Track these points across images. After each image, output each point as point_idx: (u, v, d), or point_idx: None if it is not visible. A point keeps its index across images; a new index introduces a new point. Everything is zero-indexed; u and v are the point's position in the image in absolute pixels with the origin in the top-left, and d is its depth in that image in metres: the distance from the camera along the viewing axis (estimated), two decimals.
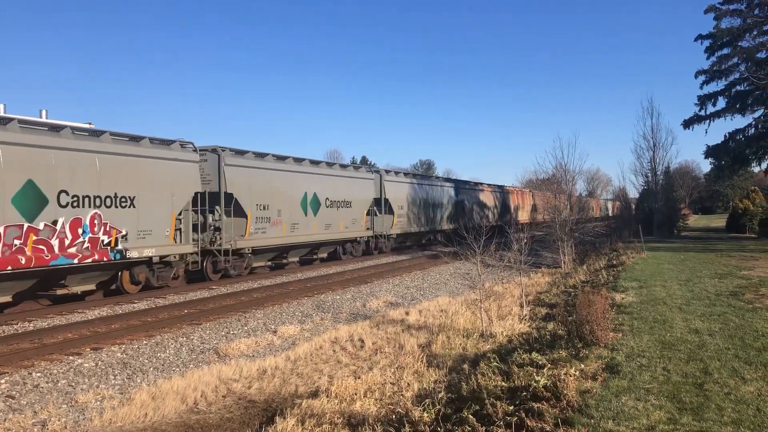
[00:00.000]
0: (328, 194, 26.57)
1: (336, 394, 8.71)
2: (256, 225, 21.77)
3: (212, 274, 20.73)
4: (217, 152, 20.66)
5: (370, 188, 30.72)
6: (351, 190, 28.63)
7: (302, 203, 24.68)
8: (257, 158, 22.67)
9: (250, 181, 21.67)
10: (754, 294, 14.53)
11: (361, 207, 29.59)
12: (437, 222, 38.50)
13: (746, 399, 6.91)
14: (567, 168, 28.95)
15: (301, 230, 24.36)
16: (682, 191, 79.20)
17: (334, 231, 27.05)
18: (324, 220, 26.14)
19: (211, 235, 20.31)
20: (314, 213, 25.42)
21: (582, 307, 10.08)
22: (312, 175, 25.70)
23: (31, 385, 9.34)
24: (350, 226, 28.42)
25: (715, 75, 37.93)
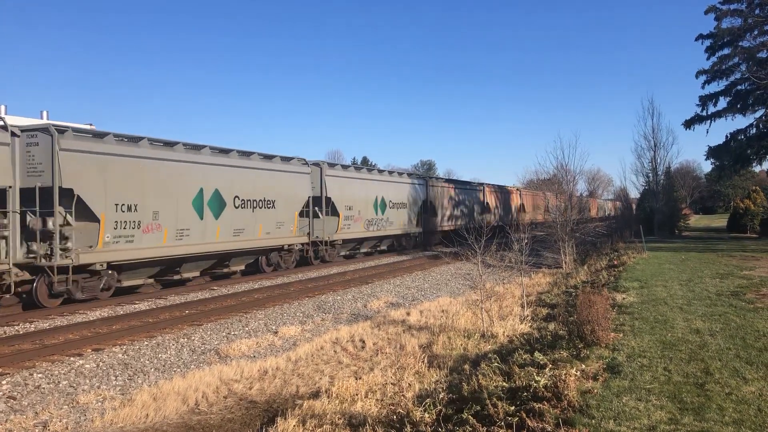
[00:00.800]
0: (239, 191, 20.94)
1: (337, 395, 8.71)
2: (116, 232, 16.21)
3: (47, 299, 15.32)
4: (50, 132, 14.93)
5: (304, 184, 25.01)
6: (275, 186, 23.02)
7: (196, 202, 18.99)
8: (121, 143, 17.06)
9: (106, 174, 16.03)
10: (756, 294, 14.52)
11: (291, 207, 23.98)
12: (404, 224, 34.13)
13: (747, 399, 6.90)
14: (568, 168, 28.96)
15: (193, 237, 18.82)
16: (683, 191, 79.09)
17: (248, 238, 21.51)
18: (232, 225, 20.60)
19: (45, 247, 15.08)
20: (215, 215, 19.79)
21: (583, 308, 10.08)
22: (214, 167, 19.99)
23: (33, 386, 9.34)
24: (274, 231, 22.81)
25: (716, 75, 37.92)
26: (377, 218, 30.81)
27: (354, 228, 28.78)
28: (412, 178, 36.49)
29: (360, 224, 29.19)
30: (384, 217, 31.50)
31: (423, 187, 36.94)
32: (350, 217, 28.28)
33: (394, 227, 32.89)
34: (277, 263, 23.90)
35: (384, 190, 31.78)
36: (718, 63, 37.62)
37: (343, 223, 27.79)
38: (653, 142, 45.24)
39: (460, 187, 44.05)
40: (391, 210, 32.39)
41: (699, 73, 39.03)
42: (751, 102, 35.90)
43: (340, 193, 27.69)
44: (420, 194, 36.18)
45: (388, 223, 32.00)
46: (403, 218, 33.93)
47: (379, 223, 30.95)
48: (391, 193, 32.51)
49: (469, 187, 45.57)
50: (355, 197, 28.86)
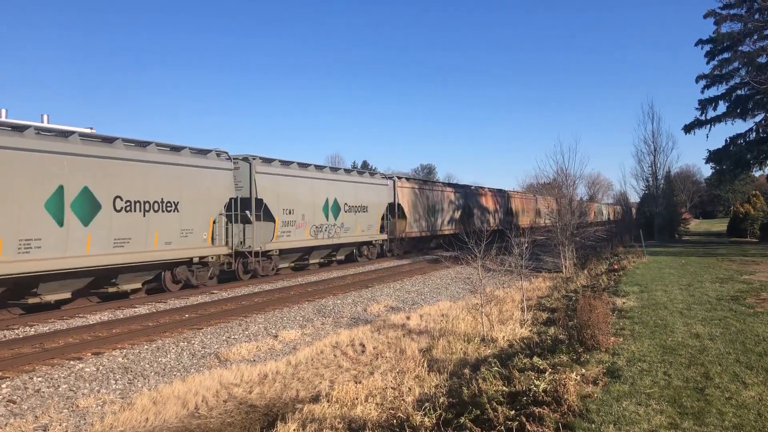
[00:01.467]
0: (122, 190, 16.59)
1: (337, 399, 8.71)
2: None
3: None
4: None
5: (224, 183, 20.78)
6: (181, 184, 18.67)
7: (51, 204, 14.71)
8: None
9: None
10: (755, 298, 14.52)
11: (204, 211, 19.71)
12: (364, 230, 30.27)
13: (747, 404, 6.90)
14: (568, 172, 28.98)
15: (48, 250, 14.57)
16: (683, 195, 79.19)
17: (137, 249, 16.96)
18: (111, 233, 16.25)
19: None
20: (84, 221, 15.55)
21: (583, 312, 10.08)
22: (85, 160, 15.67)
23: (33, 389, 9.34)
24: (177, 240, 18.55)
25: (715, 79, 37.99)
26: (328, 224, 26.48)
27: (296, 235, 24.30)
28: (375, 178, 32.33)
29: (304, 231, 24.69)
30: (337, 223, 27.19)
31: (389, 189, 32.93)
32: (290, 223, 23.78)
33: (352, 234, 28.73)
34: (187, 279, 19.37)
35: (338, 191, 27.44)
36: (718, 67, 37.69)
37: (281, 229, 23.28)
38: (653, 147, 45.37)
39: (439, 189, 40.45)
40: (348, 214, 28.16)
41: (699, 78, 39.11)
42: (751, 106, 35.95)
43: (276, 194, 23.14)
44: (385, 197, 32.12)
45: (344, 230, 27.80)
46: (364, 224, 29.72)
47: (330, 230, 26.67)
48: (348, 195, 28.24)
49: (453, 189, 42.36)
50: (297, 199, 24.30)
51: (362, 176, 31.07)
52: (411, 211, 34.99)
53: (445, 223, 39.99)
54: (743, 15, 35.75)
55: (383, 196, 32.01)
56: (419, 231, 36.15)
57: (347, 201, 28.15)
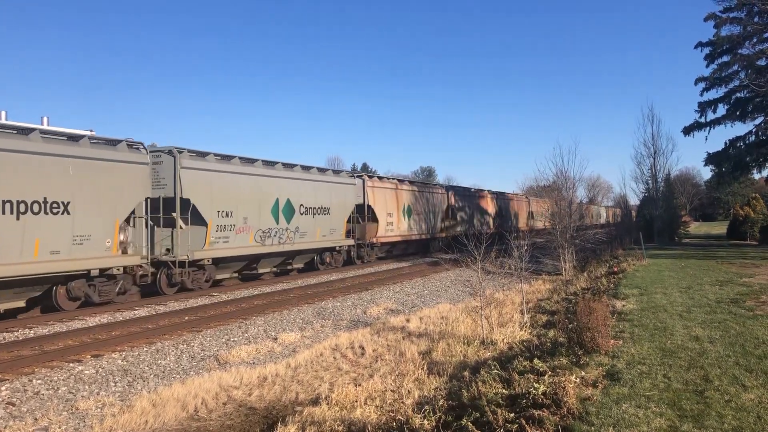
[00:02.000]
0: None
1: (336, 402, 8.71)
2: None
3: None
4: None
5: (135, 180, 17.15)
6: (73, 181, 15.28)
7: None
8: None
9: None
10: (755, 301, 14.52)
11: (108, 213, 16.25)
12: (326, 235, 26.35)
13: (747, 406, 6.90)
14: (567, 175, 28.98)
15: None
16: (682, 198, 79.25)
17: (7, 262, 13.76)
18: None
19: None
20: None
21: (582, 315, 10.08)
22: None
23: (32, 392, 9.34)
24: (69, 249, 15.15)
25: (715, 82, 38.02)
26: (279, 228, 22.99)
27: (237, 242, 20.85)
28: (341, 177, 28.47)
29: (247, 236, 21.34)
30: (291, 227, 23.64)
31: (357, 189, 29.64)
32: (228, 227, 20.34)
33: (310, 240, 25.02)
34: (87, 296, 16.06)
35: (292, 190, 23.94)
36: (718, 70, 37.73)
37: (215, 235, 19.85)
38: (653, 149, 45.46)
39: (420, 189, 37.06)
40: (305, 217, 24.58)
41: (698, 80, 39.13)
42: (750, 109, 35.98)
43: (209, 194, 19.65)
44: (352, 197, 28.69)
45: (299, 235, 24.19)
46: (325, 228, 26.15)
47: (282, 235, 23.15)
48: (305, 195, 24.73)
49: (433, 191, 39.19)
50: (238, 200, 20.83)
51: (324, 174, 26.89)
52: (384, 214, 31.65)
53: (429, 227, 37.06)
54: (743, 18, 35.79)
55: (350, 197, 28.52)
56: (396, 235, 32.95)
57: (304, 202, 24.63)
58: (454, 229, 39.52)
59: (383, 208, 31.70)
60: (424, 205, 36.56)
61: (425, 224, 36.63)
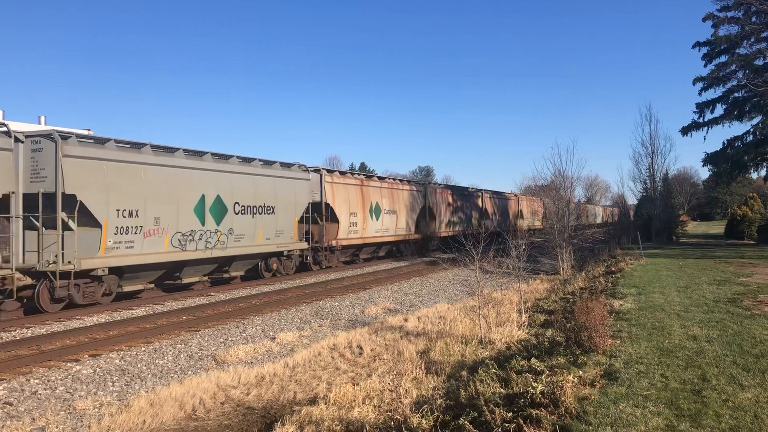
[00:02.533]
0: None
1: (334, 401, 8.71)
2: None
3: None
4: None
5: None
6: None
7: None
8: None
9: None
10: (753, 300, 14.54)
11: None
12: (270, 238, 22.67)
13: (744, 406, 6.91)
14: (565, 175, 29.01)
15: None
16: (680, 198, 79.32)
17: None
18: None
19: None
20: None
21: (580, 314, 10.09)
22: None
23: (29, 391, 9.32)
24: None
25: (713, 82, 38.10)
26: (206, 230, 19.30)
27: (146, 246, 16.96)
28: (291, 170, 24.18)
29: (161, 240, 17.50)
30: (222, 229, 20.00)
31: (313, 185, 25.92)
32: (131, 230, 16.51)
33: (250, 243, 21.56)
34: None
35: (224, 185, 20.23)
36: (716, 70, 37.81)
37: (114, 239, 16.08)
38: (651, 149, 45.61)
39: (391, 186, 33.04)
40: (242, 217, 21.01)
41: (696, 80, 39.22)
42: (748, 109, 36.07)
43: (102, 188, 15.86)
44: (305, 194, 24.84)
45: (234, 238, 20.66)
46: (269, 229, 22.54)
47: (210, 238, 19.55)
48: (242, 191, 21.08)
49: (407, 188, 35.10)
50: (146, 196, 16.99)
51: (268, 167, 22.98)
52: (346, 213, 27.94)
53: (401, 227, 33.47)
54: (741, 18, 35.88)
55: (302, 194, 24.65)
56: (360, 237, 29.40)
57: (240, 199, 20.87)
58: (431, 230, 37.02)
59: (345, 207, 27.88)
60: (396, 204, 32.93)
61: (398, 225, 33.13)
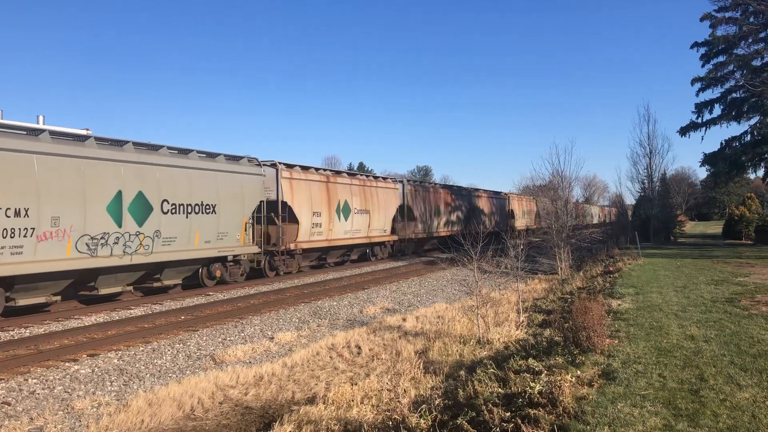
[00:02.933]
0: None
1: (333, 401, 8.71)
2: None
3: None
4: None
5: None
6: None
7: None
8: None
9: None
10: (750, 300, 14.57)
11: None
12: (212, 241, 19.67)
13: (742, 405, 6.93)
14: (564, 174, 29.03)
15: None
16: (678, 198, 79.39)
17: None
18: None
19: None
20: None
21: (578, 314, 10.10)
22: None
23: (27, 391, 9.31)
24: None
25: (711, 82, 38.17)
26: (123, 233, 16.37)
27: (39, 252, 14.20)
28: (239, 165, 21.30)
29: (62, 244, 14.73)
30: (145, 231, 17.06)
31: (269, 180, 23.14)
32: (19, 232, 13.76)
33: (183, 247, 18.33)
34: None
35: (148, 179, 17.25)
36: (713, 70, 37.90)
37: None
38: (649, 149, 45.73)
39: (363, 184, 30.03)
40: (172, 217, 17.87)
41: (694, 80, 39.29)
42: (746, 109, 36.14)
43: None
44: (255, 191, 21.88)
45: (165, 242, 17.69)
46: (209, 231, 19.51)
47: (130, 242, 16.56)
48: (172, 187, 17.93)
49: (380, 186, 32.00)
50: (38, 191, 14.19)
51: (210, 160, 20.01)
52: (308, 213, 24.77)
53: (375, 228, 30.58)
54: (738, 18, 35.95)
55: (253, 191, 21.78)
56: (325, 239, 26.41)
57: (169, 196, 17.77)
58: (410, 231, 34.58)
59: (307, 206, 24.75)
60: (369, 203, 29.93)
61: (371, 226, 30.15)
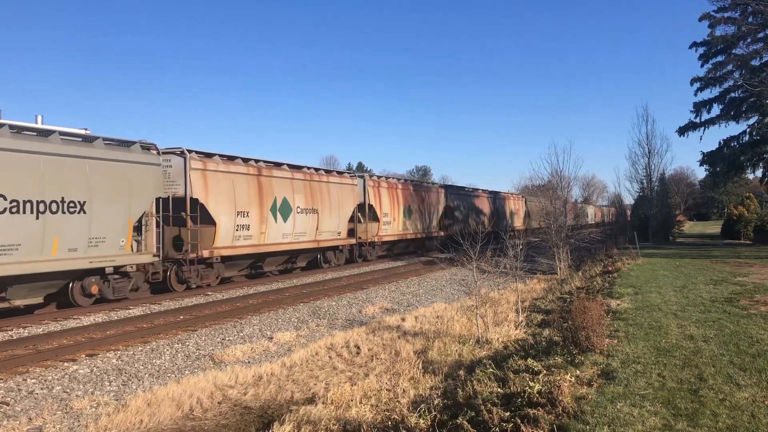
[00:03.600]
0: None
1: (332, 401, 8.71)
2: None
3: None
4: None
5: None
6: None
7: None
8: None
9: None
10: (749, 300, 14.58)
11: None
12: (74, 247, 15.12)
13: (741, 405, 6.93)
14: (562, 174, 29.03)
15: None
16: (677, 198, 79.49)
17: None
18: None
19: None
20: None
21: (577, 314, 10.11)
22: None
23: (26, 391, 9.30)
24: None
25: (709, 82, 38.20)
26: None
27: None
28: (129, 152, 17.03)
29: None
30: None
31: (175, 174, 19.27)
32: None
33: (33, 257, 14.14)
34: None
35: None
36: (712, 70, 37.92)
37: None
38: (647, 149, 45.71)
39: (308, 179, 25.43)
40: (14, 218, 13.78)
41: (693, 80, 39.31)
42: (745, 109, 36.17)
43: None
44: (149, 187, 17.53)
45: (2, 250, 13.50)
46: (78, 235, 15.27)
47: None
48: (16, 179, 13.91)
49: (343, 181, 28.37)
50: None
51: (81, 146, 15.87)
52: (229, 211, 20.50)
53: (326, 230, 26.41)
54: (737, 18, 35.97)
55: (145, 186, 17.43)
56: (259, 244, 21.95)
57: (7, 191, 13.73)
58: (370, 233, 31.12)
59: (228, 204, 20.50)
60: (318, 201, 25.80)
61: (320, 227, 26.03)
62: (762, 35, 34.98)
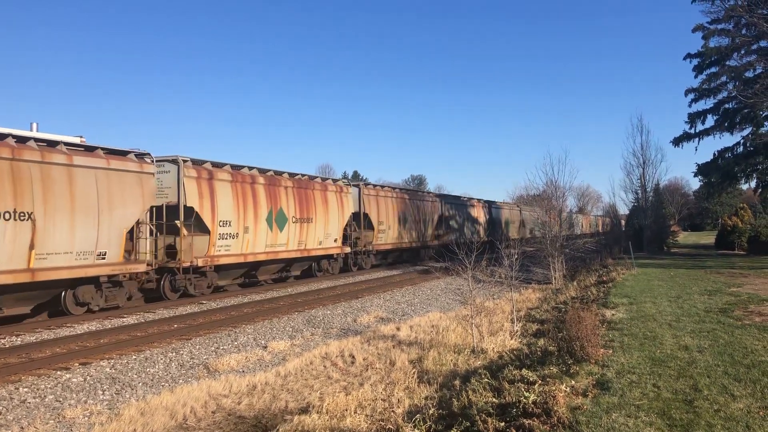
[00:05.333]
0: None
1: (327, 410, 8.68)
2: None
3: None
4: None
5: None
6: None
7: None
8: None
9: None
10: (743, 311, 14.61)
11: None
12: None
13: (736, 416, 6.93)
14: (557, 184, 29.13)
15: None
16: (671, 208, 79.82)
17: None
18: None
19: None
20: None
21: (572, 324, 10.11)
22: None
23: (18, 400, 9.23)
24: None
25: (703, 93, 38.40)
26: None
27: None
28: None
29: None
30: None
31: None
32: None
33: None
34: None
35: None
36: (706, 81, 38.13)
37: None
38: (642, 159, 45.90)
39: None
40: None
41: (687, 91, 39.51)
42: (739, 120, 36.36)
43: None
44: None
45: None
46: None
47: None
48: None
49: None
50: None
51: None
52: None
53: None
54: (731, 30, 36.21)
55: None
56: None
57: None
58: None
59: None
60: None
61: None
62: (756, 47, 35.22)
